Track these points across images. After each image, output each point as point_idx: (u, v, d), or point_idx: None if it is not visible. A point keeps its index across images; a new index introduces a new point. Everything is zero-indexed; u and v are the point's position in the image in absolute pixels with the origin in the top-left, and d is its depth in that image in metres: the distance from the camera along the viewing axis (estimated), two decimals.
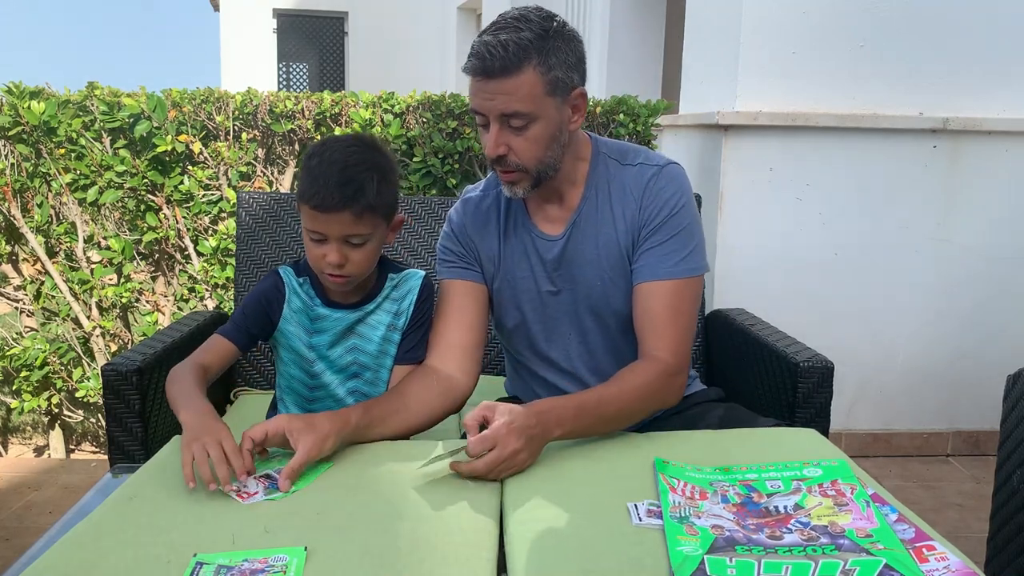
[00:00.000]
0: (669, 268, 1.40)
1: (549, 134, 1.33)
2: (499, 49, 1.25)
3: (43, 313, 3.02)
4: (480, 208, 1.51)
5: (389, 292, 1.44)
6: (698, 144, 3.01)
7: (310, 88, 9.94)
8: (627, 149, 1.48)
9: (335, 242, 1.29)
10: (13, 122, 2.71)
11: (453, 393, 1.40)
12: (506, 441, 1.13)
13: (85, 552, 0.95)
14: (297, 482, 1.14)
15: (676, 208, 1.41)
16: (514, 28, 1.27)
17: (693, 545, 0.95)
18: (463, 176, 2.84)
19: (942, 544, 0.95)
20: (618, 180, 1.44)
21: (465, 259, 1.50)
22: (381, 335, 1.43)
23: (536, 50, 1.27)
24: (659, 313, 1.40)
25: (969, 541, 2.29)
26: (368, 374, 1.45)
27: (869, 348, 2.95)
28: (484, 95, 1.29)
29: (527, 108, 1.29)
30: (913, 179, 2.86)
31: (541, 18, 1.30)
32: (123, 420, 1.55)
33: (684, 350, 1.41)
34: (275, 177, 2.90)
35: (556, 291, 1.48)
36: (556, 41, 1.29)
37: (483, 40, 1.27)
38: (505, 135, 1.32)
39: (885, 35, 2.79)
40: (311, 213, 1.28)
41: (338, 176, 1.26)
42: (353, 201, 1.26)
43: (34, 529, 2.38)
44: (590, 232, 1.44)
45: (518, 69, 1.26)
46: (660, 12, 4.83)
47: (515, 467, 1.15)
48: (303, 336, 1.42)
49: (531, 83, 1.27)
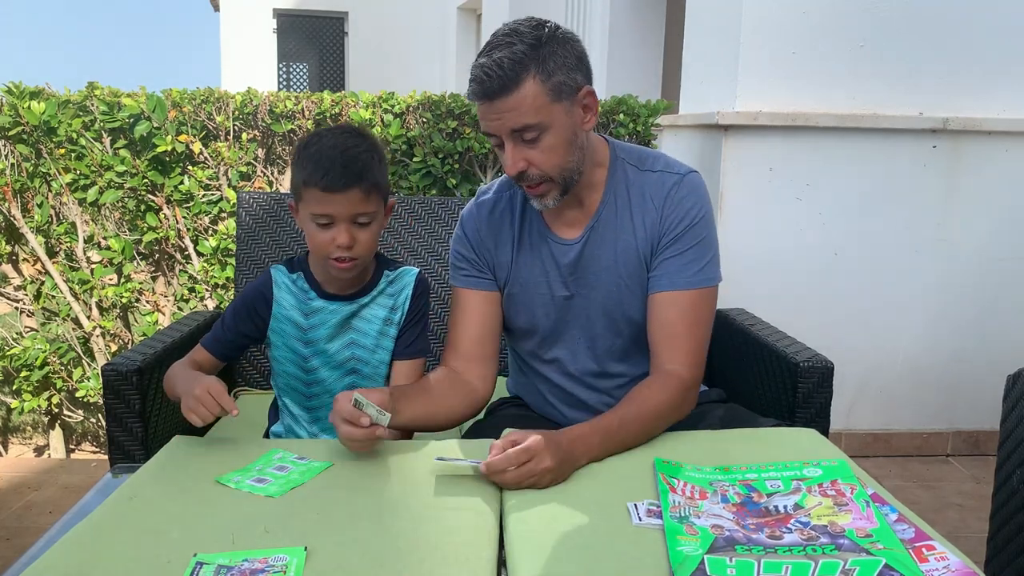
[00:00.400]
0: (688, 278, 1.40)
1: (565, 139, 1.32)
2: (495, 69, 1.25)
3: (43, 313, 3.02)
4: (495, 212, 1.50)
5: (384, 287, 1.46)
6: (698, 144, 3.01)
7: (310, 88, 9.94)
8: (646, 154, 1.48)
9: (343, 223, 1.32)
10: (13, 122, 2.71)
11: (475, 401, 1.46)
12: (542, 456, 1.13)
13: (85, 552, 0.95)
14: (296, 482, 1.14)
15: (696, 219, 1.41)
16: (506, 44, 1.26)
17: (693, 545, 0.95)
18: (463, 176, 2.84)
19: (942, 544, 0.95)
20: (637, 186, 1.44)
21: (479, 267, 1.50)
22: (377, 329, 1.46)
23: (532, 60, 1.26)
24: (677, 324, 1.40)
25: (969, 541, 2.29)
26: (366, 369, 1.47)
27: (869, 348, 2.95)
28: (491, 116, 1.29)
29: (535, 119, 1.28)
30: (913, 179, 2.86)
31: (532, 28, 1.29)
32: (123, 420, 1.55)
33: (700, 362, 1.42)
34: (275, 177, 2.91)
35: (570, 295, 1.47)
36: (551, 46, 1.28)
37: (479, 63, 1.27)
38: (521, 150, 1.31)
39: (885, 35, 2.79)
40: (320, 196, 1.30)
41: (342, 157, 1.30)
42: (361, 178, 1.31)
43: (34, 529, 2.38)
44: (608, 237, 1.44)
45: (517, 83, 1.25)
46: (660, 12, 4.83)
47: (540, 483, 1.14)
48: (298, 333, 1.43)
49: (533, 94, 1.26)
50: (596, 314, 1.47)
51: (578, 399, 1.53)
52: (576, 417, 1.52)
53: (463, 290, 1.50)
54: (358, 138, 1.35)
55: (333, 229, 1.32)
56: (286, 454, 1.23)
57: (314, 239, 1.34)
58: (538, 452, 1.13)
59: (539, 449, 1.13)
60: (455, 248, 1.53)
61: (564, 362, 1.52)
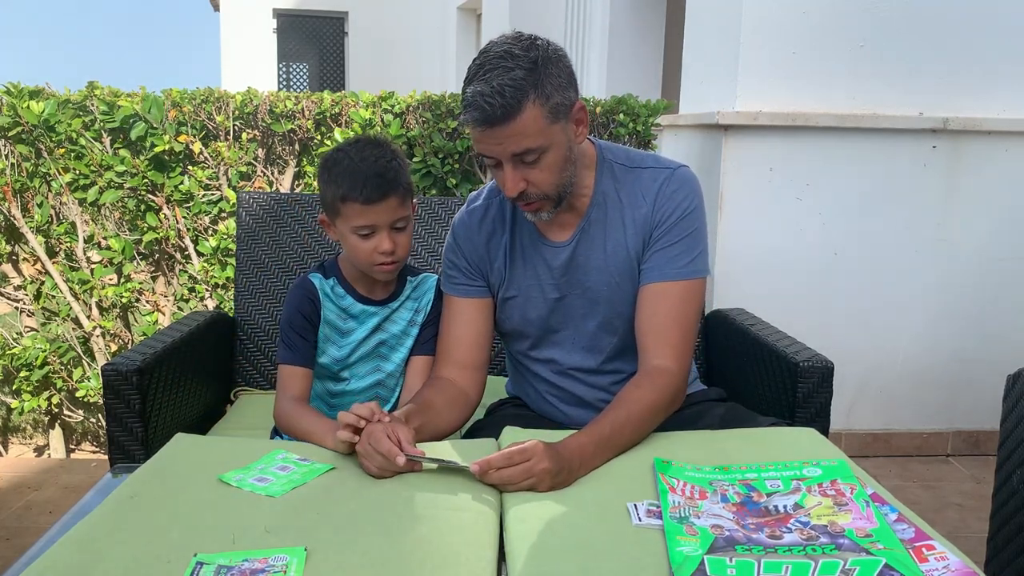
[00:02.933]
0: (677, 270, 1.41)
1: (562, 158, 1.33)
2: (496, 97, 1.24)
3: (43, 313, 3.02)
4: (486, 219, 1.51)
5: (410, 292, 1.57)
6: (698, 144, 3.01)
7: (310, 88, 9.93)
8: (632, 153, 1.49)
9: (384, 230, 1.41)
10: (13, 122, 2.71)
11: (470, 408, 1.50)
12: (541, 458, 1.13)
13: (85, 552, 0.95)
14: (297, 482, 1.14)
15: (687, 211, 1.42)
16: (503, 69, 1.25)
17: (693, 545, 0.95)
18: (463, 176, 2.84)
19: (942, 544, 0.95)
20: (627, 185, 1.45)
21: (471, 275, 1.51)
22: (402, 330, 1.57)
23: (531, 85, 1.25)
24: (665, 316, 1.41)
25: (969, 541, 2.29)
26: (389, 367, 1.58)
27: (869, 348, 2.95)
28: (492, 142, 1.28)
29: (536, 143, 1.28)
30: (913, 179, 2.86)
31: (525, 49, 1.27)
32: (123, 420, 1.55)
33: (688, 353, 1.43)
34: (275, 177, 2.91)
35: (561, 296, 1.48)
36: (547, 68, 1.27)
37: (477, 91, 1.25)
38: (520, 171, 1.31)
39: (885, 35, 2.79)
40: (361, 208, 1.38)
41: (375, 168, 1.38)
42: (396, 184, 1.40)
43: (34, 529, 2.38)
44: (598, 238, 1.45)
45: (519, 110, 1.25)
46: (660, 12, 4.83)
47: (539, 487, 1.13)
48: (336, 337, 1.53)
49: (534, 118, 1.26)
50: (589, 314, 1.48)
51: (576, 396, 1.54)
52: (575, 414, 1.53)
53: (455, 299, 1.52)
54: (381, 148, 1.42)
55: (375, 238, 1.41)
56: (289, 455, 1.23)
57: (358, 249, 1.43)
58: (536, 454, 1.13)
59: (537, 451, 1.13)
60: (447, 257, 1.54)
61: (559, 361, 1.52)
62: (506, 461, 1.12)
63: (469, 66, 1.31)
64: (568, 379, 1.53)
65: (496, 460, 1.13)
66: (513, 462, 1.12)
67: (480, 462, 1.13)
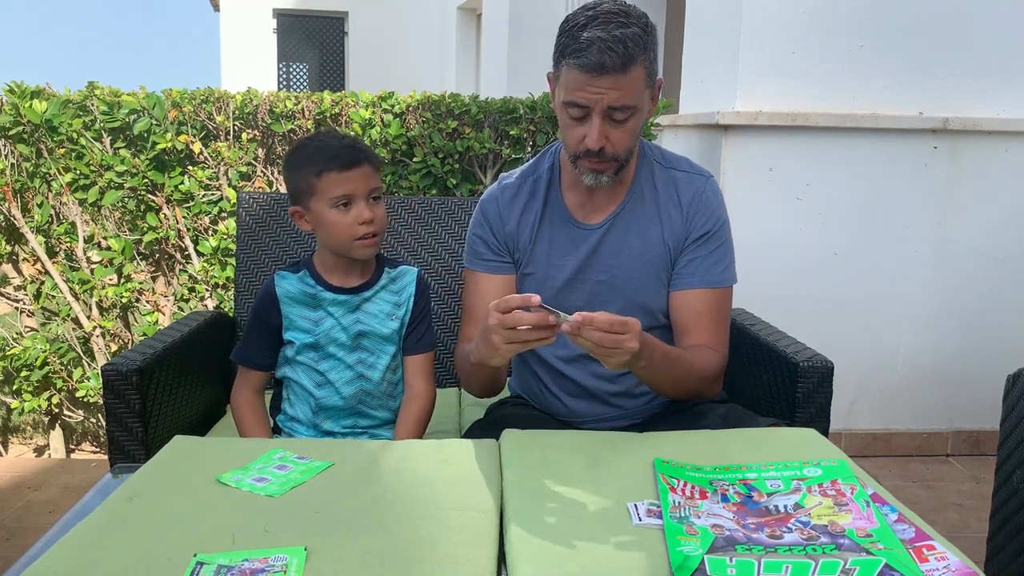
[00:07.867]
0: (717, 276, 1.49)
1: (640, 124, 1.38)
2: (619, 46, 1.26)
3: (43, 313, 3.02)
4: (518, 196, 1.53)
5: (387, 283, 1.55)
6: (698, 144, 3.01)
7: (310, 88, 9.94)
8: (666, 152, 1.55)
9: (362, 200, 1.43)
10: (14, 122, 2.71)
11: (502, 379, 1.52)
12: (633, 336, 1.16)
13: (85, 552, 0.95)
14: (296, 481, 1.14)
15: (721, 221, 1.50)
16: (620, 23, 1.28)
17: (693, 545, 0.95)
18: (463, 176, 2.84)
19: (942, 544, 0.95)
20: (663, 182, 1.50)
21: (498, 251, 1.53)
22: (380, 322, 1.55)
23: (644, 46, 1.30)
24: (710, 316, 1.48)
25: (969, 541, 2.29)
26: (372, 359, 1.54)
27: (869, 348, 2.95)
28: (594, 89, 1.30)
29: (634, 101, 1.32)
30: (913, 179, 2.86)
31: (637, 13, 1.32)
32: (123, 420, 1.55)
33: (727, 354, 1.51)
34: (275, 177, 2.91)
35: (585, 280, 1.50)
36: (653, 36, 1.33)
37: (597, 35, 1.27)
38: (606, 128, 1.34)
39: (885, 35, 2.79)
40: (337, 177, 1.41)
41: (344, 141, 1.45)
42: (367, 152, 1.46)
43: (34, 529, 2.38)
44: (634, 227, 1.48)
45: (632, 64, 1.29)
46: (660, 12, 4.83)
47: (611, 361, 1.17)
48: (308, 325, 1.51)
49: (639, 78, 1.31)
50: (609, 299, 1.49)
51: (580, 386, 1.54)
52: (578, 407, 1.53)
53: (481, 274, 1.53)
54: (343, 134, 1.51)
55: (353, 209, 1.42)
56: (287, 453, 1.23)
57: (337, 226, 1.43)
58: (633, 330, 1.16)
59: (635, 330, 1.17)
60: (474, 232, 1.55)
61: (567, 345, 1.50)
62: (607, 326, 1.14)
63: (568, 17, 1.33)
64: (573, 367, 1.53)
65: (600, 321, 1.13)
66: (613, 330, 1.14)
67: (584, 316, 1.13)
